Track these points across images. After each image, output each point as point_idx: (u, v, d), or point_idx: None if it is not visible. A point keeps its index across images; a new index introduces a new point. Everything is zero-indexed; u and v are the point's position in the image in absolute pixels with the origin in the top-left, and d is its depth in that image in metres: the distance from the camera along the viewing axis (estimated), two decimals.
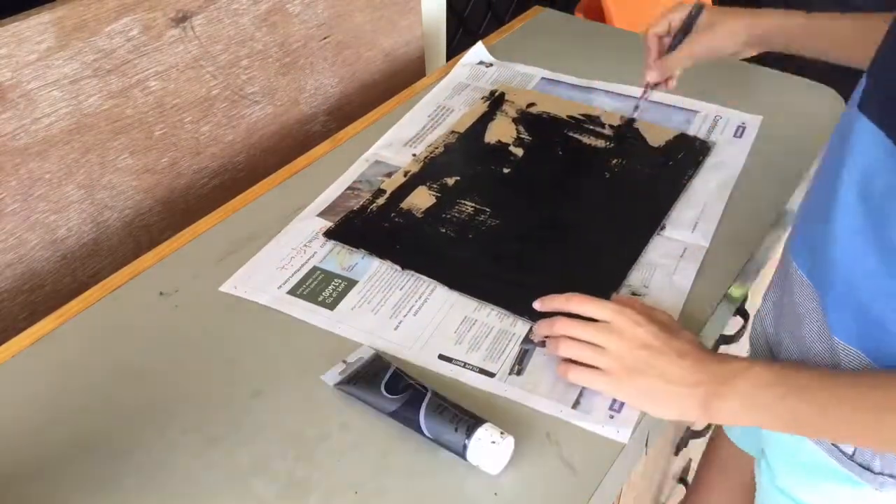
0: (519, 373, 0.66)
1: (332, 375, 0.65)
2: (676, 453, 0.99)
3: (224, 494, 0.58)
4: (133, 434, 0.62)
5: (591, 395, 0.64)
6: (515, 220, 0.82)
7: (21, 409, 0.64)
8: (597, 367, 0.62)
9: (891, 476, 0.59)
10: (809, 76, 1.07)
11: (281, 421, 0.62)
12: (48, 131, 0.75)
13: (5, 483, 0.58)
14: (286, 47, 0.97)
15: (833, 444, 0.61)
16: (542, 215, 0.83)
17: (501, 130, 0.94)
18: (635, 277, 0.75)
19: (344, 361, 0.66)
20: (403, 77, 1.18)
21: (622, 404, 0.63)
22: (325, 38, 1.02)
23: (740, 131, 0.95)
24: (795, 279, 0.61)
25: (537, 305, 0.69)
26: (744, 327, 0.92)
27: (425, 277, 0.74)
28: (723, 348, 1.00)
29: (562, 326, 0.65)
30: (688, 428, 0.97)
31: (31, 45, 0.71)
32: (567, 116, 0.96)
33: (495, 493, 0.57)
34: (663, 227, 0.80)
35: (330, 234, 0.80)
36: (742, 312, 0.92)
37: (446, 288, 0.74)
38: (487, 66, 1.08)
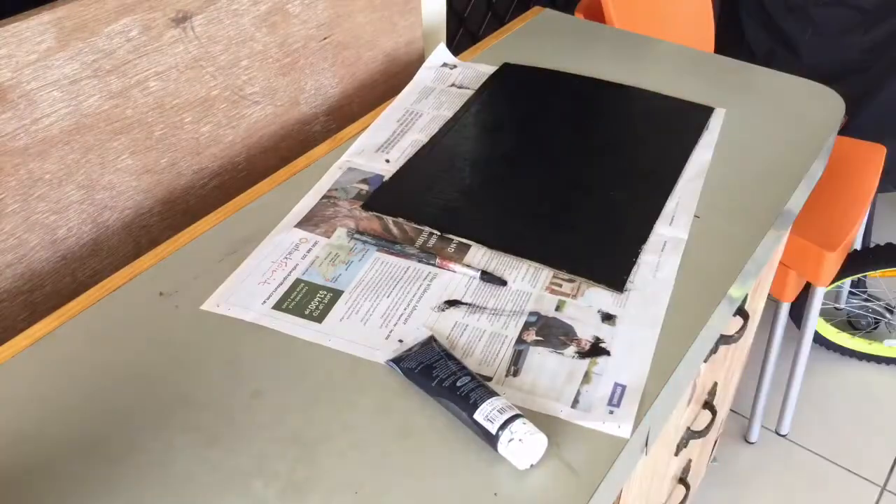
0: (515, 374, 0.66)
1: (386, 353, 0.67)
2: (676, 454, 0.99)
3: (224, 494, 0.58)
4: (133, 434, 0.62)
5: (589, 392, 0.64)
6: (543, 182, 0.87)
7: (21, 410, 0.64)
8: None
9: None
10: (809, 76, 1.07)
11: (281, 421, 0.63)
12: (48, 132, 0.75)
13: (5, 483, 0.58)
14: (286, 48, 0.97)
15: None
16: (567, 175, 0.88)
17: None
18: None
19: (400, 341, 0.68)
20: (403, 77, 1.19)
21: (621, 398, 0.63)
22: (325, 39, 1.02)
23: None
24: None
25: None
26: (744, 327, 0.92)
27: (426, 267, 0.76)
28: (722, 349, 1.00)
29: None
30: (688, 428, 0.97)
31: (31, 45, 0.71)
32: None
33: (495, 494, 0.57)
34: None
35: (367, 207, 0.83)
36: (742, 312, 0.92)
37: (484, 248, 0.78)
38: (452, 68, 1.07)
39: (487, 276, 0.74)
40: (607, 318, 0.71)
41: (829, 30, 1.94)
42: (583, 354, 0.67)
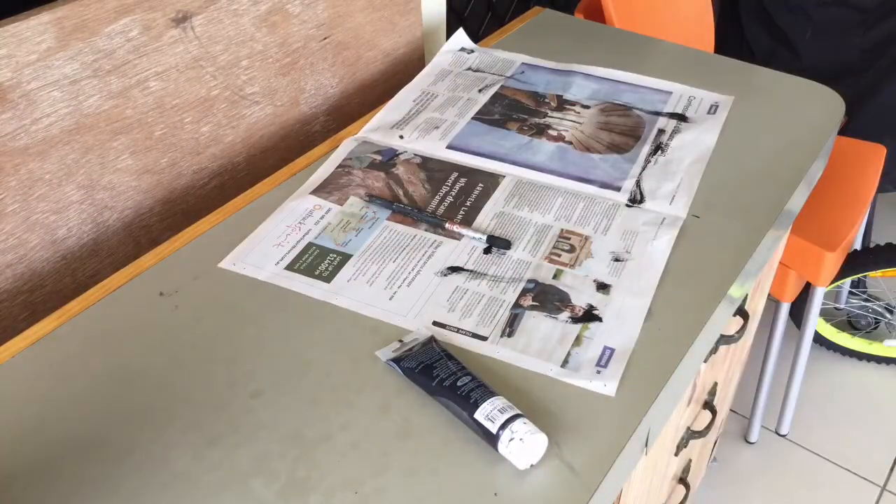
0: (510, 335, 0.68)
1: (386, 352, 0.67)
2: (676, 454, 0.99)
3: (224, 494, 0.58)
4: (133, 434, 0.62)
5: (579, 353, 0.67)
6: None
7: (21, 409, 0.64)
8: None
9: None
10: (809, 76, 1.07)
11: (281, 421, 0.63)
12: (48, 132, 0.75)
13: (5, 483, 0.58)
14: (286, 48, 0.97)
15: None
16: None
17: None
18: (618, 244, 0.77)
19: (400, 341, 0.68)
20: (403, 77, 1.19)
21: (609, 360, 0.66)
22: (325, 39, 1.02)
23: (713, 109, 0.99)
24: None
25: None
26: (744, 327, 0.92)
27: (432, 236, 0.79)
28: (722, 349, 1.00)
29: None
30: (688, 428, 0.97)
31: (31, 45, 0.71)
32: None
33: (495, 494, 0.57)
34: (643, 200, 0.83)
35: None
36: (742, 312, 0.92)
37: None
38: (469, 53, 1.10)
39: (493, 240, 0.77)
40: (602, 287, 0.73)
41: (829, 30, 1.94)
42: (576, 320, 0.70)
